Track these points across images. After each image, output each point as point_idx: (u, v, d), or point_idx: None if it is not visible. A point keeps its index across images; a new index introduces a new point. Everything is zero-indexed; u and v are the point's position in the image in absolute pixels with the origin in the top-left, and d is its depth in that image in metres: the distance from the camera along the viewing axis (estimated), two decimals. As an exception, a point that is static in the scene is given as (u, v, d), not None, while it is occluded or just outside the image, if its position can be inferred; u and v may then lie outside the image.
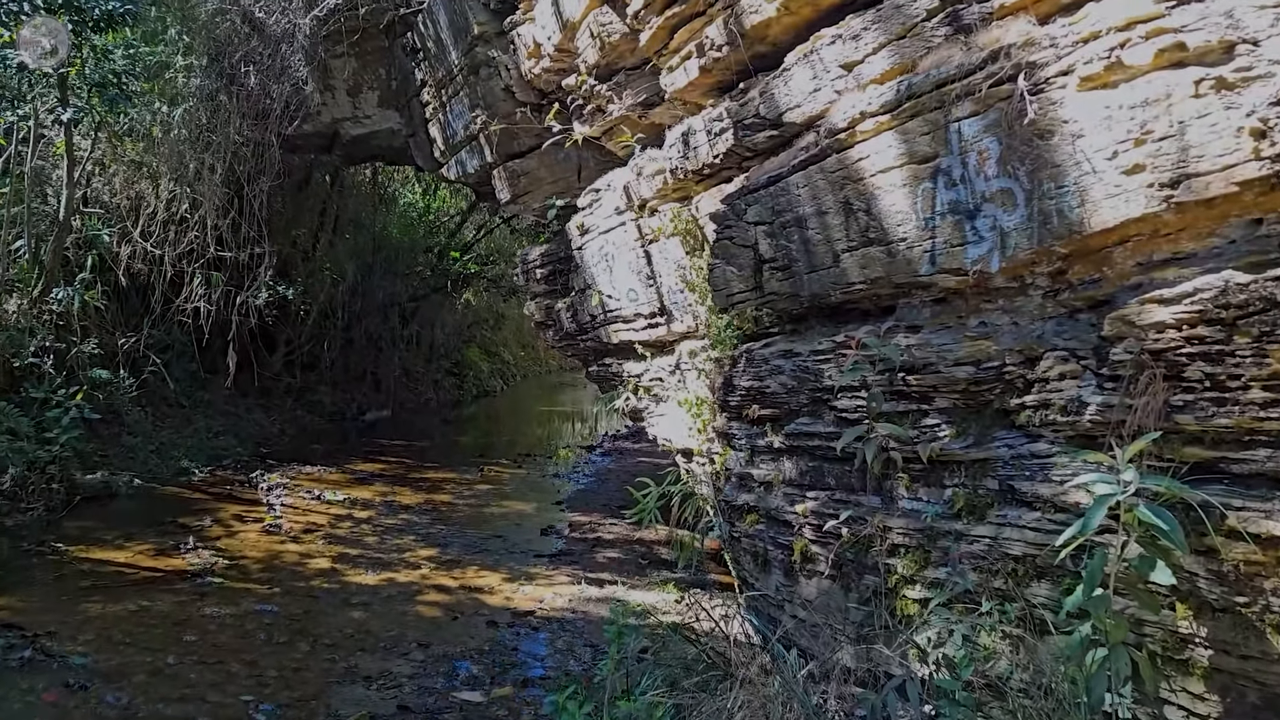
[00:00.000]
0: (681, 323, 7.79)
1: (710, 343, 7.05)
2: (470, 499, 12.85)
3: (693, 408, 7.18)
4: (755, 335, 6.53)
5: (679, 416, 7.62)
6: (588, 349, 9.77)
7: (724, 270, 6.30)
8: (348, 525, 10.97)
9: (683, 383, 7.87)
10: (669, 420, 8.04)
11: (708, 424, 7.05)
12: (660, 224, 7.57)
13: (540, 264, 10.13)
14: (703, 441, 7.13)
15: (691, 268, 7.26)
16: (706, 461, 7.08)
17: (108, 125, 13.31)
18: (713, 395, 6.85)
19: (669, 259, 7.69)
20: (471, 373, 26.30)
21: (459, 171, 11.45)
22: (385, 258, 20.19)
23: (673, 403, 7.95)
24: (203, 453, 14.03)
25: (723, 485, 6.69)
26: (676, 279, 7.62)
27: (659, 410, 8.48)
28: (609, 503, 12.94)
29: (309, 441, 16.56)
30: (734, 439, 6.57)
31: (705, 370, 7.00)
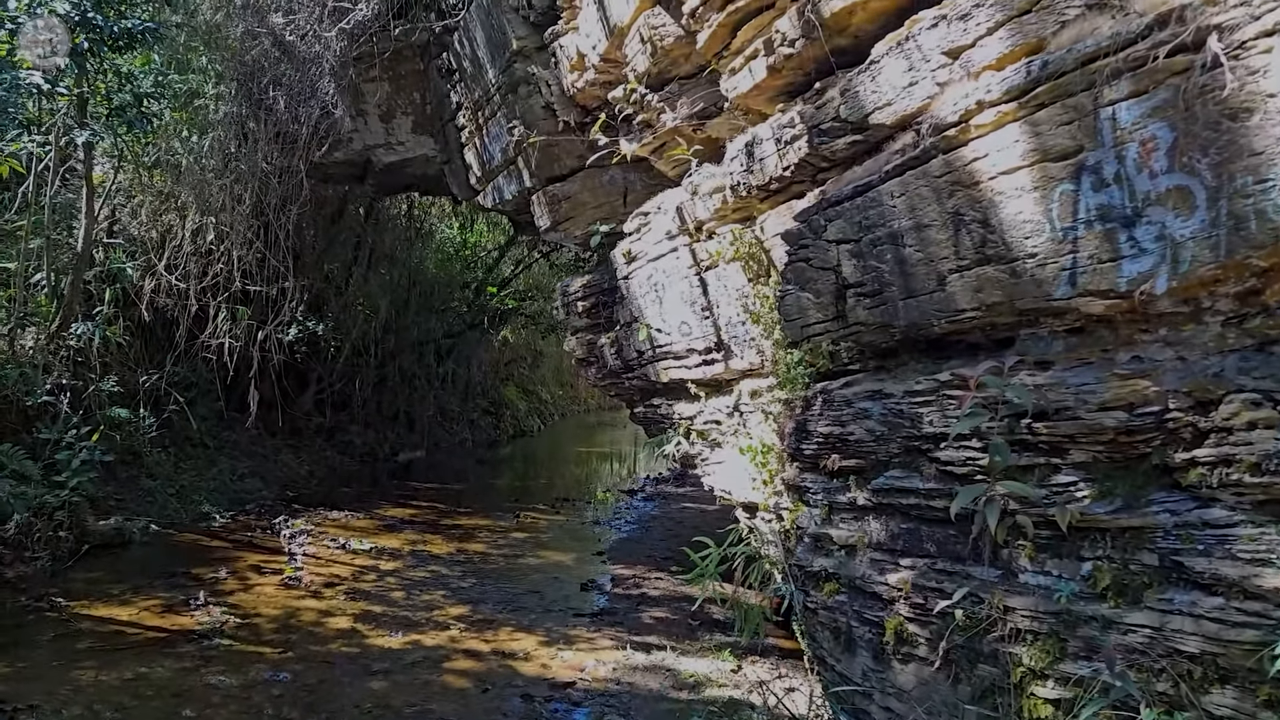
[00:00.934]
0: (742, 359, 6.93)
1: (777, 381, 6.18)
2: (505, 549, 12.00)
3: (756, 455, 6.29)
4: (831, 373, 5.67)
5: (739, 465, 6.74)
6: (634, 388, 8.93)
7: (797, 297, 5.44)
8: (373, 578, 10.15)
9: (743, 426, 7.00)
10: (728, 469, 7.16)
11: (775, 475, 6.16)
12: (718, 248, 6.74)
13: (582, 295, 9.34)
14: (769, 495, 6.23)
15: (755, 296, 6.42)
16: (774, 518, 6.18)
17: (134, 155, 12.83)
18: (781, 442, 5.97)
19: (728, 287, 6.86)
20: (508, 412, 25.58)
21: (496, 199, 10.75)
22: (421, 293, 19.58)
23: (732, 449, 7.08)
24: (225, 496, 13.34)
25: (794, 547, 5.79)
26: (737, 309, 6.78)
27: (715, 458, 7.60)
28: (654, 553, 12.05)
29: (339, 484, 15.85)
30: (807, 493, 5.67)
31: (772, 413, 6.13)
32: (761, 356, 6.55)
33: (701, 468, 7.94)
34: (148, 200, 13.15)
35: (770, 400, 6.23)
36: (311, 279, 15.96)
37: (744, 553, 6.09)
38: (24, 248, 11.47)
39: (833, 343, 5.44)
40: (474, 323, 20.27)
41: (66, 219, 12.40)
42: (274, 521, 12.36)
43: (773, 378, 6.30)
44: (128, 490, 12.20)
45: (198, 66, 12.83)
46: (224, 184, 12.76)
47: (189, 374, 13.93)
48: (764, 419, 6.31)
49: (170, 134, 13.11)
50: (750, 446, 6.30)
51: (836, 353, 5.56)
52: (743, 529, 6.82)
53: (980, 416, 4.01)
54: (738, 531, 6.36)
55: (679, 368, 7.86)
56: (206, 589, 9.24)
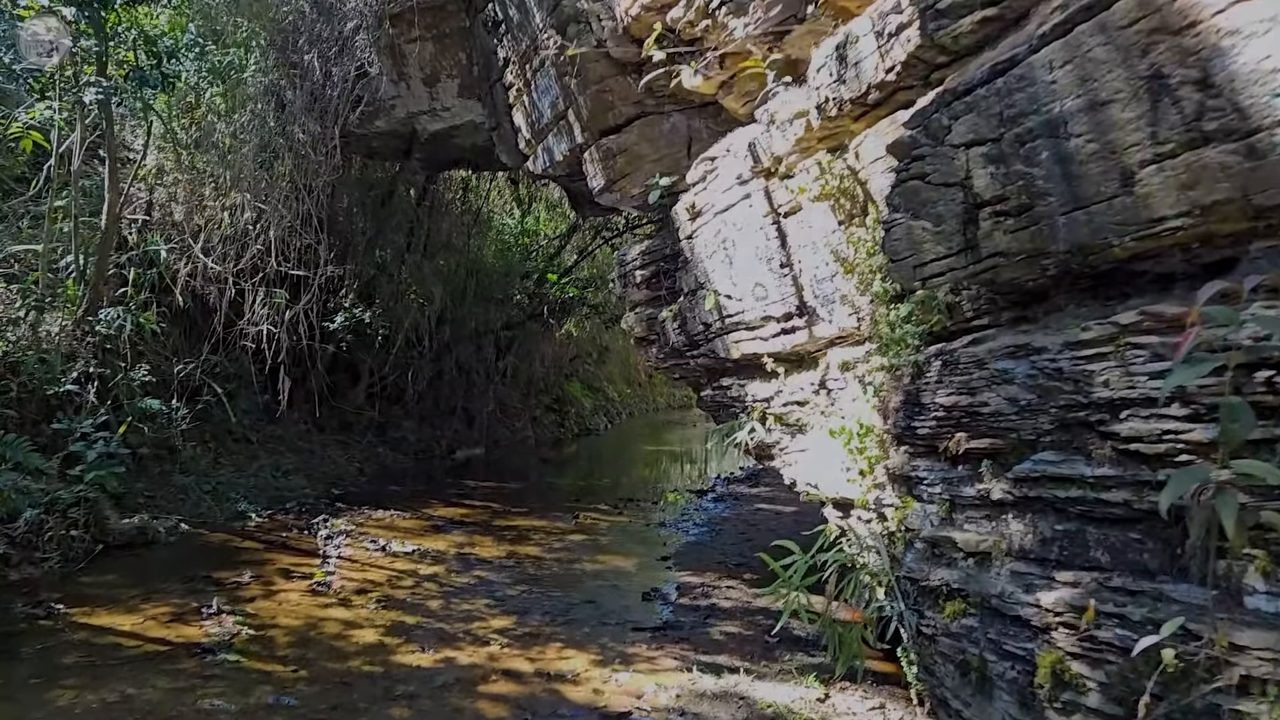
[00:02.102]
0: (830, 322, 5.69)
1: (878, 346, 4.92)
2: (560, 552, 10.88)
3: (851, 439, 5.03)
4: (949, 333, 4.40)
5: (829, 453, 5.49)
6: (700, 368, 7.74)
7: (908, 229, 4.19)
8: (410, 584, 9.11)
9: (832, 406, 5.75)
10: (813, 459, 5.91)
11: (875, 463, 4.90)
12: (801, 184, 5.50)
13: (640, 264, 8.17)
14: (867, 488, 4.97)
15: (848, 241, 5.18)
16: (874, 517, 4.93)
17: (167, 128, 12.07)
18: (884, 420, 4.72)
19: (813, 234, 5.62)
20: (573, 409, 24.51)
21: (546, 161, 9.64)
22: (479, 283, 18.62)
23: (819, 434, 5.84)
24: (265, 494, 12.48)
25: (902, 554, 4.53)
26: (824, 261, 5.54)
27: (797, 445, 6.36)
28: (724, 559, 10.81)
29: (389, 482, 14.92)
30: (920, 485, 4.41)
31: (872, 385, 4.87)
32: (856, 317, 5.30)
33: (780, 459, 6.70)
34: (183, 180, 12.37)
35: (869, 370, 4.97)
36: (361, 265, 15.11)
37: (836, 560, 4.85)
38: (48, 228, 10.73)
39: (954, 288, 4.17)
40: (534, 313, 19.23)
41: (98, 200, 11.68)
42: (313, 521, 11.43)
43: (871, 342, 5.04)
44: (159, 487, 11.40)
45: (235, 40, 12.04)
46: (263, 159, 11.94)
47: (229, 365, 13.11)
48: (861, 393, 5.06)
49: (207, 109, 12.36)
50: (843, 429, 5.05)
51: (957, 305, 4.29)
52: (832, 531, 5.56)
53: (1203, 365, 2.73)
54: (827, 534, 5.11)
55: (752, 340, 6.64)
56: (224, 595, 8.29)
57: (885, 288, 4.81)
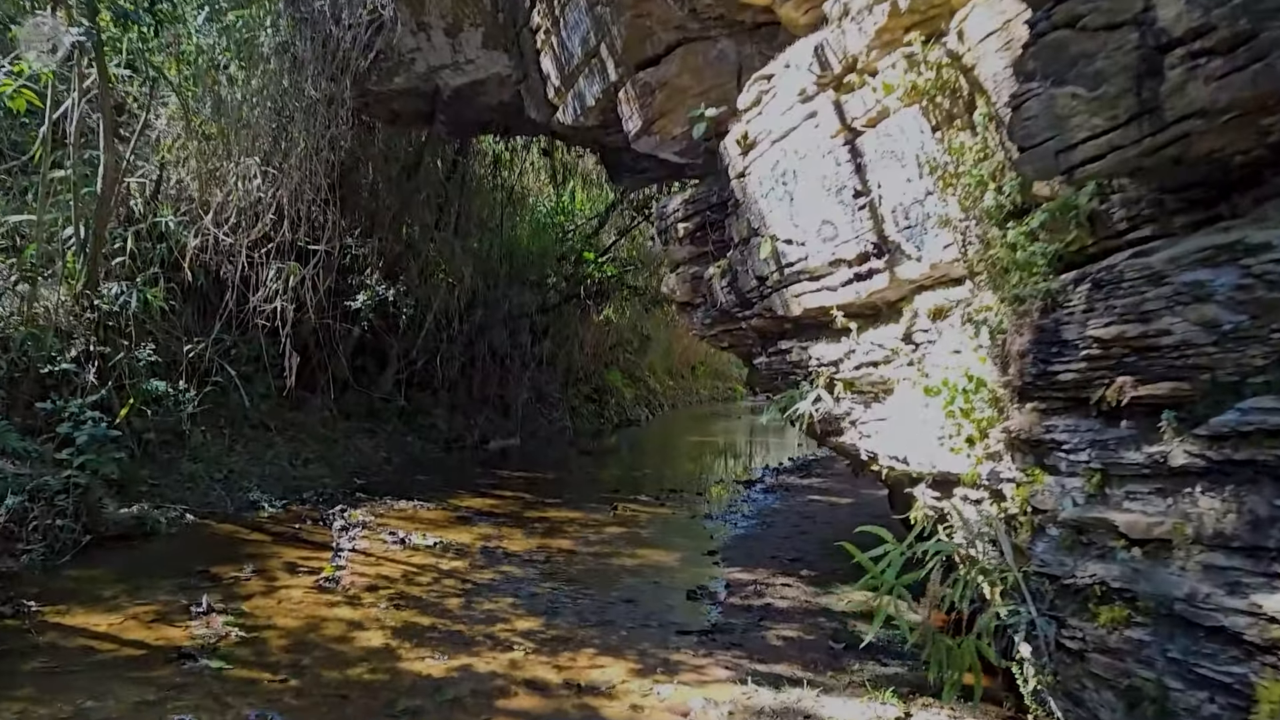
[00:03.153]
0: (918, 260, 4.62)
1: (990, 278, 3.85)
2: (596, 545, 9.88)
3: (954, 399, 3.96)
4: (1087, 255, 3.32)
5: (919, 418, 4.43)
6: (753, 332, 6.70)
7: (1049, 101, 3.12)
8: (428, 580, 8.16)
9: (922, 363, 4.67)
10: (898, 427, 4.83)
11: (988, 426, 3.83)
12: (885, 83, 4.42)
13: (683, 215, 7.14)
14: (977, 459, 3.90)
15: (948, 150, 4.10)
16: (986, 496, 3.85)
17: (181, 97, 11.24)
18: (1001, 371, 3.64)
19: (897, 148, 4.55)
20: (614, 399, 23.53)
21: (576, 109, 8.63)
22: (513, 264, 17.70)
23: (904, 397, 4.77)
24: (281, 483, 11.63)
25: (1029, 542, 3.45)
26: (912, 179, 4.46)
27: (875, 414, 5.29)
28: (778, 554, 9.75)
29: (417, 472, 14.02)
30: (1057, 450, 3.34)
31: (986, 326, 3.79)
32: (958, 245, 4.21)
33: (852, 431, 5.63)
34: (193, 147, 11.55)
35: (977, 310, 3.89)
36: (386, 242, 14.24)
37: (936, 551, 3.78)
38: (41, 196, 9.94)
39: (1105, 187, 3.09)
40: (571, 296, 18.24)
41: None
42: (329, 512, 10.54)
43: (979, 276, 3.96)
44: (165, 474, 10.58)
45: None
46: (277, 121, 11.09)
47: (245, 347, 12.29)
48: (966, 341, 3.98)
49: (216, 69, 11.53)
50: (943, 385, 3.97)
51: (1103, 213, 3.22)
52: (924, 514, 4.48)
53: None
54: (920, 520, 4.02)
55: (818, 291, 5.58)
56: (219, 592, 7.41)
57: (1001, 200, 3.74)
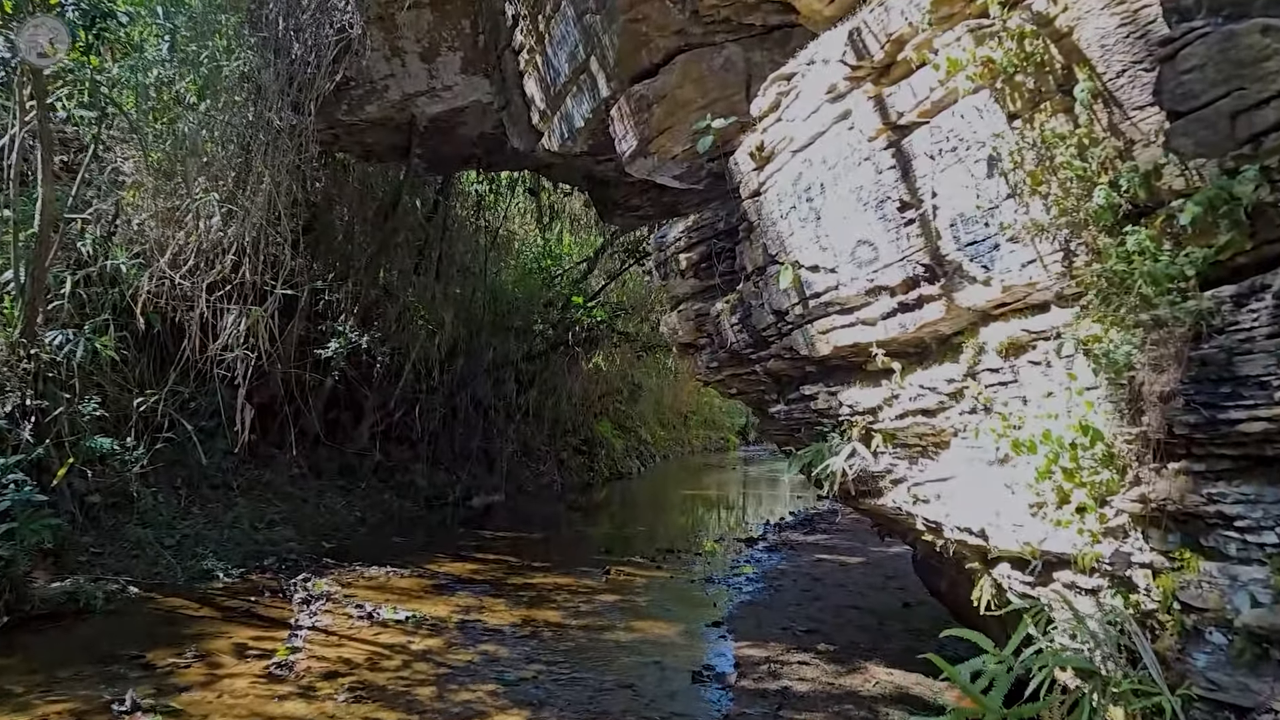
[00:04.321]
0: (986, 282, 3.74)
1: (1101, 302, 2.96)
2: (588, 617, 8.87)
3: (1057, 454, 3.05)
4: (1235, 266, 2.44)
5: (999, 479, 3.51)
6: (769, 375, 5.80)
7: (1221, 44, 2.26)
8: (396, 664, 7.14)
9: (989, 411, 3.77)
10: (966, 490, 3.90)
11: (1105, 492, 2.91)
12: (952, 59, 3.57)
13: (685, 243, 6.28)
14: (1092, 535, 2.98)
15: (1041, 138, 3.23)
16: (1108, 584, 2.92)
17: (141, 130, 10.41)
18: (1131, 421, 2.74)
19: (961, 147, 3.69)
20: (604, 451, 22.52)
21: (564, 132, 7.81)
22: (497, 310, 16.82)
23: (969, 451, 3.86)
24: (240, 549, 10.59)
25: (1185, 653, 2.52)
26: (978, 184, 3.60)
27: (925, 472, 4.37)
28: (790, 623, 8.77)
29: (393, 533, 12.98)
30: (1222, 527, 2.44)
31: (1105, 360, 2.89)
32: (1048, 262, 3.34)
33: (896, 493, 4.70)
34: (150, 183, 10.69)
35: (1088, 340, 3.00)
36: (362, 287, 13.36)
37: (1043, 664, 2.86)
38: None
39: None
40: (558, 343, 17.34)
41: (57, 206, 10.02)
42: (291, 582, 9.51)
43: (1089, 298, 3.07)
44: (111, 541, 9.57)
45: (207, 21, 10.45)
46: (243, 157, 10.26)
47: (205, 399, 11.32)
48: (1071, 379, 3.08)
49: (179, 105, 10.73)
50: (1047, 437, 3.07)
51: (1272, 205, 2.34)
52: (1007, 600, 3.54)
53: None
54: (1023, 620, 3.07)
55: (852, 326, 4.70)
56: (151, 684, 6.39)
57: (1114, 199, 2.87)
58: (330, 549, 11.34)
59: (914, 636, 8.40)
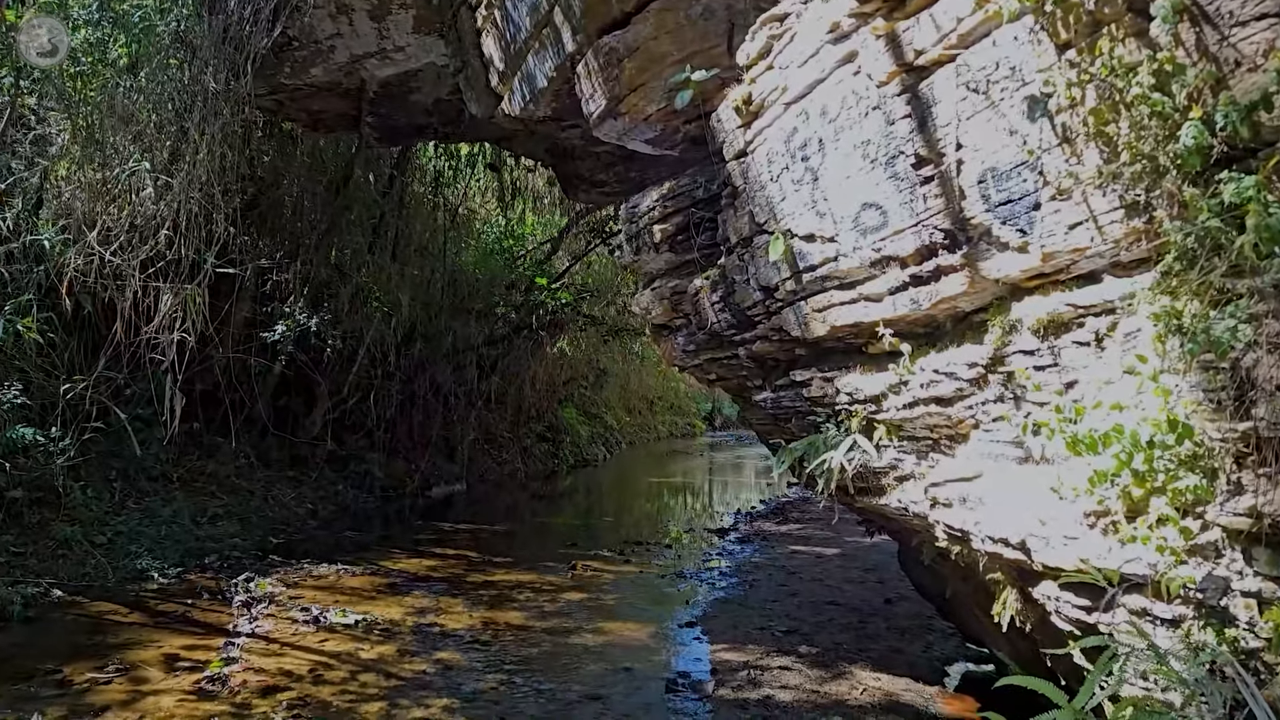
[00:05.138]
0: (1020, 251, 3.18)
1: (1186, 268, 2.41)
2: (552, 618, 8.29)
3: (1131, 457, 2.50)
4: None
5: (1041, 480, 2.97)
6: (754, 359, 5.23)
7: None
8: (343, 676, 6.52)
9: (1022, 401, 3.23)
10: (1002, 493, 3.34)
11: (1192, 502, 2.36)
12: None
13: (660, 214, 5.68)
14: (1175, 555, 2.43)
15: (1105, 73, 2.67)
16: (1194, 614, 2.38)
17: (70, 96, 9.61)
18: (1233, 415, 2.18)
19: (994, 87, 3.12)
20: (568, 438, 21.94)
21: (525, 95, 7.17)
22: (459, 293, 16.11)
23: (993, 444, 3.31)
24: (180, 546, 9.88)
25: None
26: (1015, 132, 3.04)
27: (940, 472, 3.82)
28: (768, 623, 8.26)
29: (347, 527, 12.32)
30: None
31: (1192, 339, 2.34)
32: (1104, 223, 2.78)
33: (902, 491, 4.15)
34: (79, 153, 9.88)
35: (1164, 314, 2.45)
36: (312, 265, 12.62)
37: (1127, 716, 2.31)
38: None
39: None
40: (521, 326, 16.65)
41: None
42: (232, 582, 8.83)
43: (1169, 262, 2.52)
44: (33, 540, 8.83)
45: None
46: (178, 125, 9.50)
47: (140, 385, 10.55)
48: (1141, 361, 2.53)
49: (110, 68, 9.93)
50: (1118, 432, 2.51)
51: None
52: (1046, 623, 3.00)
53: None
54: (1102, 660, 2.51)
55: (854, 303, 4.13)
56: (64, 704, 5.72)
57: (1202, 139, 2.32)
58: (278, 545, 10.66)
59: (899, 636, 7.92)
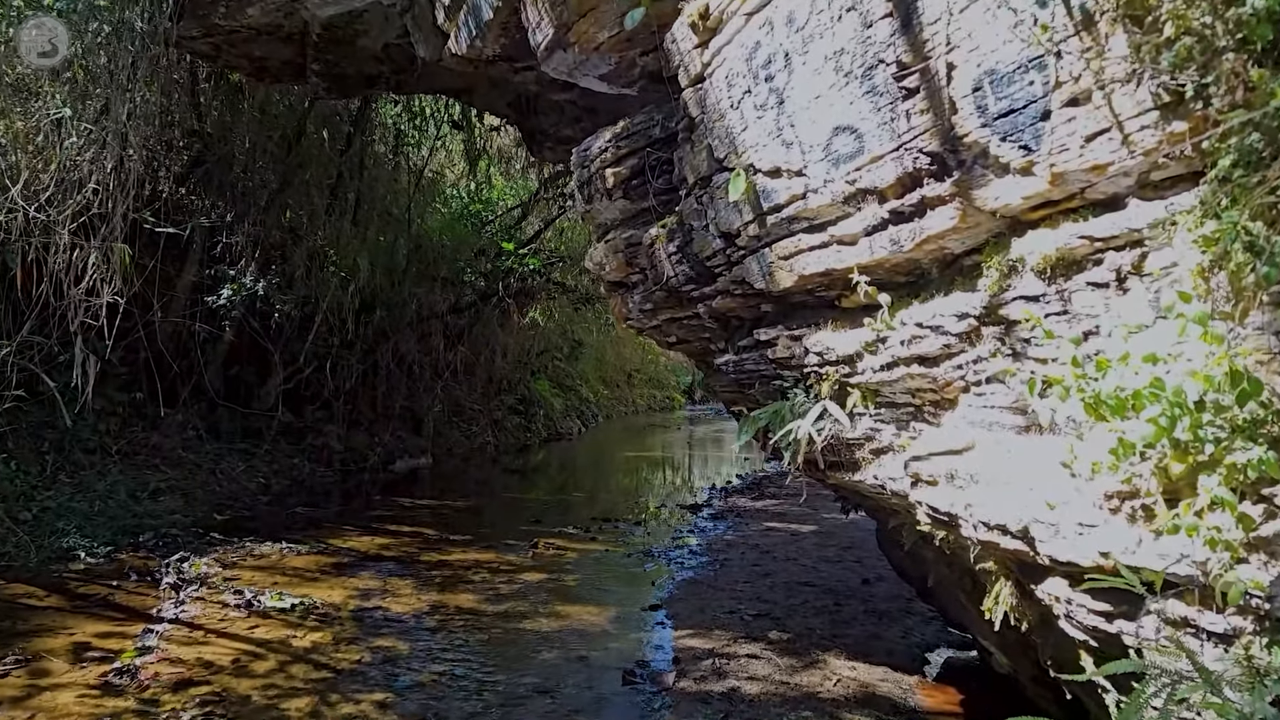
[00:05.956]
0: (1023, 173, 2.59)
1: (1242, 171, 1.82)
2: (508, 601, 7.74)
3: (1171, 416, 1.93)
4: None
5: (1047, 453, 2.40)
6: (715, 317, 4.65)
7: None
8: (269, 667, 5.94)
9: (1016, 355, 2.66)
10: (998, 468, 2.77)
11: (1249, 481, 1.80)
12: None
13: (613, 156, 5.06)
14: (1229, 549, 1.87)
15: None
16: (1254, 630, 1.82)
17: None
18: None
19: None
20: (541, 411, 21.35)
21: (471, 30, 6.52)
22: (424, 259, 15.44)
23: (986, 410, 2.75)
24: (115, 523, 9.25)
25: None
26: (1020, 25, 2.45)
27: (929, 440, 3.25)
28: (737, 606, 7.74)
29: (300, 502, 11.71)
30: None
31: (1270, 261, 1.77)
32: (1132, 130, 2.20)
33: (875, 467, 3.59)
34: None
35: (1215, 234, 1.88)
36: (263, 226, 11.93)
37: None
38: None
39: None
40: (490, 293, 15.98)
41: None
42: (165, 562, 8.23)
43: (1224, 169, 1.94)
44: (-51, 517, 8.20)
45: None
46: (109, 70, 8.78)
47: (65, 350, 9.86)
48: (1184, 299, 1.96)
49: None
50: (1158, 387, 1.94)
51: None
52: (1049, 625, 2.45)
53: None
54: (1139, 691, 1.96)
55: (825, 246, 3.55)
56: (-54, 701, 5.13)
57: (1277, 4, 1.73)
58: (222, 522, 10.04)
59: (877, 620, 7.41)
